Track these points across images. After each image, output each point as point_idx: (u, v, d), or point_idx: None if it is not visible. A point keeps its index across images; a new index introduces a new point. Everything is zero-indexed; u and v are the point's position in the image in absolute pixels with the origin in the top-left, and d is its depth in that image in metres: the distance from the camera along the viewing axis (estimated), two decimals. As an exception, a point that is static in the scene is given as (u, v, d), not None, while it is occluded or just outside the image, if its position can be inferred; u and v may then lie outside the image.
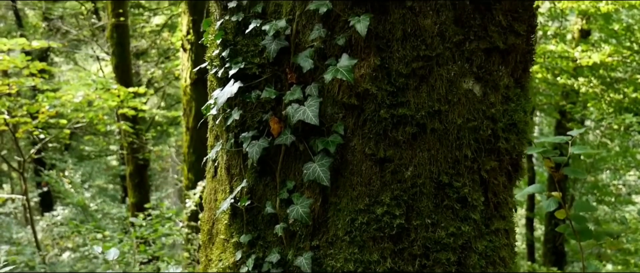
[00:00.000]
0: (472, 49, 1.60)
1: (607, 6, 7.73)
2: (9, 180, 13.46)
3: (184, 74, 8.17)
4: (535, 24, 1.74)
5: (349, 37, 1.56)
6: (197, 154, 7.87)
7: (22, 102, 8.47)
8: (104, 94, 8.48)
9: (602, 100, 8.98)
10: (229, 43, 1.70)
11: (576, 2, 7.79)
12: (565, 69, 9.02)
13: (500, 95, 1.67)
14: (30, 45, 8.25)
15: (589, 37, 9.72)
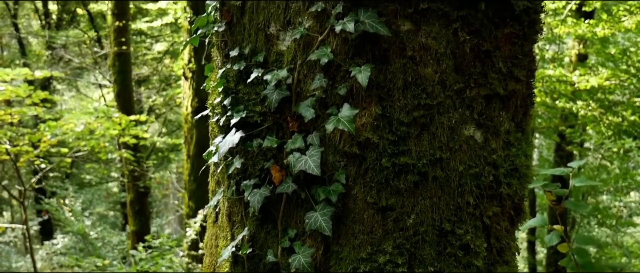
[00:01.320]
0: (472, 96, 1.61)
1: (603, 31, 7.78)
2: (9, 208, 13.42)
3: (185, 102, 8.20)
4: (534, 68, 1.76)
5: (350, 86, 1.57)
6: (198, 182, 7.86)
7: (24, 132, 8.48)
8: (105, 123, 8.51)
9: (601, 124, 9.00)
10: (230, 91, 1.72)
11: (573, 28, 7.85)
12: (564, 92, 9.05)
13: (502, 141, 1.68)
14: (33, 75, 8.30)
15: (586, 61, 9.77)
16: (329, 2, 1.55)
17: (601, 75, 8.39)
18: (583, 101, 9.02)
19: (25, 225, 8.07)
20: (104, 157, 9.13)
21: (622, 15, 7.60)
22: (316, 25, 1.58)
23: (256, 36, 1.67)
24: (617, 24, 7.63)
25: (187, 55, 7.82)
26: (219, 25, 1.72)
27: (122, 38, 9.50)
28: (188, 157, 8.16)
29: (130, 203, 9.53)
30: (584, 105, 8.90)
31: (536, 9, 1.67)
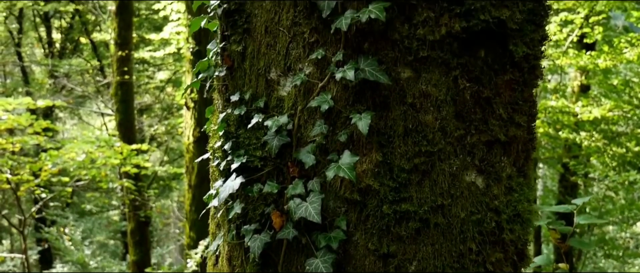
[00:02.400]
0: (473, 142, 1.60)
1: (605, 62, 7.82)
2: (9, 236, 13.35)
3: (187, 132, 8.22)
4: (535, 112, 1.75)
5: (350, 133, 1.56)
6: (199, 213, 7.81)
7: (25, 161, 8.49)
8: (107, 152, 8.51)
9: (605, 154, 8.98)
10: (231, 135, 1.71)
11: (575, 59, 7.89)
12: (567, 123, 9.06)
13: (503, 186, 1.66)
14: (35, 104, 8.35)
15: (588, 92, 9.80)
16: (329, 50, 1.56)
17: (604, 106, 8.40)
18: (586, 132, 9.02)
19: (25, 255, 8.02)
20: (105, 186, 9.11)
21: (623, 47, 7.64)
22: (316, 71, 1.58)
23: (257, 81, 1.68)
24: (618, 55, 7.67)
25: (189, 86, 7.84)
26: (220, 69, 1.72)
27: (124, 67, 9.57)
28: (189, 186, 8.15)
29: (131, 232, 9.48)
30: (587, 136, 8.89)
31: (536, 55, 1.67)
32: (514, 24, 1.57)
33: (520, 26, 1.60)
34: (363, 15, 1.46)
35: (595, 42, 8.90)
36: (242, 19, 1.68)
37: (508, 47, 1.60)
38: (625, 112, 8.60)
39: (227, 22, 1.71)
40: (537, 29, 1.66)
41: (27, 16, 12.83)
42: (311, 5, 1.54)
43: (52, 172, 8.29)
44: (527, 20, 1.62)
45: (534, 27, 1.64)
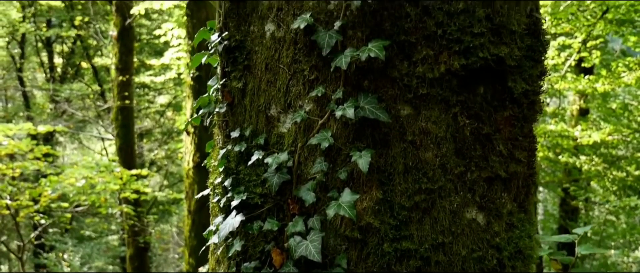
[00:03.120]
0: (474, 179, 1.60)
1: (603, 86, 7.85)
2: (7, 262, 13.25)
3: (187, 157, 8.21)
4: (535, 147, 1.75)
5: (350, 170, 1.56)
6: (199, 239, 7.77)
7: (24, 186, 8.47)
8: (106, 177, 8.49)
9: (606, 179, 8.96)
10: (231, 172, 1.71)
11: (573, 83, 7.92)
12: (566, 147, 9.05)
13: (504, 223, 1.65)
14: (35, 130, 8.36)
15: (587, 116, 9.82)
16: (329, 87, 1.56)
17: (603, 130, 8.40)
18: (586, 156, 9.01)
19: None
20: (104, 212, 9.07)
21: (621, 71, 7.68)
22: (316, 108, 1.59)
23: (257, 118, 1.68)
24: (617, 79, 7.69)
25: (189, 111, 7.88)
26: (221, 105, 1.73)
27: (125, 92, 9.62)
28: (189, 212, 8.10)
29: (130, 258, 9.42)
30: (587, 160, 8.88)
31: (535, 90, 1.68)
32: (513, 60, 1.58)
33: (519, 63, 1.60)
34: (363, 54, 1.47)
35: (593, 66, 8.95)
36: (243, 56, 1.69)
37: (507, 84, 1.60)
38: (625, 136, 8.60)
39: (228, 59, 1.72)
40: (536, 65, 1.67)
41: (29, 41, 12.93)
42: (311, 43, 1.56)
43: (51, 198, 8.27)
44: (525, 56, 1.63)
45: (533, 63, 1.65)
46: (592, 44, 7.95)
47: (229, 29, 1.71)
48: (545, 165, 9.83)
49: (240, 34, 1.69)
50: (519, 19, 1.60)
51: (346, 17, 1.53)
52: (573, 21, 6.79)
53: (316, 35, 1.52)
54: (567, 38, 8.02)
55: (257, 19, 1.65)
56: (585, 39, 7.50)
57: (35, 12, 11.98)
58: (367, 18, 1.52)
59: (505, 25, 1.56)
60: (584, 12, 6.79)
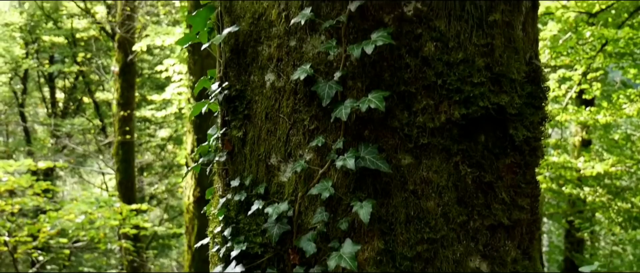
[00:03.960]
0: (476, 228, 1.58)
1: (605, 118, 7.85)
2: (5, 298, 13.07)
3: (187, 192, 8.17)
4: (538, 193, 1.73)
5: (351, 220, 1.54)
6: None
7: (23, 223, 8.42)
8: (106, 212, 8.45)
9: (610, 210, 8.90)
10: (231, 221, 1.69)
11: (574, 115, 7.93)
12: (570, 178, 9.01)
13: (509, 271, 1.63)
14: (36, 166, 8.36)
15: (590, 147, 9.81)
16: (329, 137, 1.56)
17: (607, 162, 8.38)
18: (590, 187, 8.97)
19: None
20: (103, 248, 9.00)
21: (622, 102, 7.69)
22: (317, 158, 1.58)
23: (257, 167, 1.67)
24: (618, 111, 7.70)
25: (190, 145, 7.87)
26: (221, 154, 1.72)
27: (126, 127, 9.64)
28: (189, 248, 8.03)
29: (129, 294, 9.30)
30: (591, 191, 8.83)
31: (536, 136, 1.67)
32: (514, 109, 1.58)
33: (520, 110, 1.60)
34: (363, 105, 1.47)
35: (594, 97, 8.98)
36: (243, 105, 1.68)
37: (508, 131, 1.59)
38: (629, 167, 8.57)
39: (228, 108, 1.71)
40: (537, 111, 1.66)
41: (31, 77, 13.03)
42: (311, 93, 1.55)
43: (50, 234, 8.21)
44: (526, 103, 1.62)
45: (534, 110, 1.64)
46: (592, 76, 7.99)
47: (229, 78, 1.71)
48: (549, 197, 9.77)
49: (241, 83, 1.69)
50: (519, 67, 1.61)
51: (346, 68, 1.53)
52: (573, 55, 6.83)
53: (316, 86, 1.52)
54: (567, 70, 8.06)
55: (257, 69, 1.66)
56: (585, 72, 7.54)
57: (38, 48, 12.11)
58: (366, 69, 1.53)
59: (505, 74, 1.56)
60: (584, 46, 6.84)
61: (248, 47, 1.68)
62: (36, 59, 12.24)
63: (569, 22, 6.70)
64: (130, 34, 9.51)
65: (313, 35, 1.58)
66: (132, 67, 9.74)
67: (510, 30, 1.61)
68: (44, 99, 13.03)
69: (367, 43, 1.47)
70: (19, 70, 12.24)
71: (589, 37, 6.66)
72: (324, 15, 1.56)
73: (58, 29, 11.98)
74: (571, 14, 6.72)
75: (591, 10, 6.78)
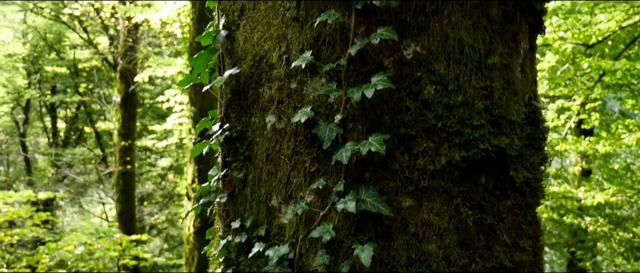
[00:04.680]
0: (478, 270, 1.57)
1: (604, 148, 7.87)
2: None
3: (188, 223, 8.13)
4: (539, 233, 1.73)
5: (353, 263, 1.54)
6: (199, 307, 7.59)
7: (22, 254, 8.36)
8: (105, 243, 8.40)
9: (612, 240, 8.84)
10: (231, 262, 1.68)
11: (574, 145, 7.94)
12: (571, 208, 8.98)
13: (511, 314, 1.61)
14: (36, 197, 8.34)
15: (590, 176, 9.79)
16: (330, 179, 1.56)
17: (607, 191, 8.36)
18: (591, 217, 8.93)
19: None
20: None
21: (621, 133, 7.71)
22: (318, 200, 1.58)
23: (258, 208, 1.67)
24: (617, 141, 7.72)
25: (190, 176, 7.87)
26: (222, 195, 1.72)
27: (127, 157, 9.65)
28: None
29: (128, 327, 9.18)
30: (592, 221, 8.80)
31: (537, 177, 1.67)
32: (514, 150, 1.58)
33: (520, 152, 1.61)
34: (363, 148, 1.48)
35: (593, 127, 9.00)
36: (244, 147, 1.69)
37: (509, 173, 1.60)
38: (629, 197, 8.55)
39: (229, 149, 1.72)
40: (537, 152, 1.67)
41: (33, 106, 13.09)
42: (312, 136, 1.56)
43: (49, 266, 8.15)
44: (526, 144, 1.63)
45: (534, 151, 1.65)
46: (590, 106, 8.03)
47: (230, 119, 1.72)
48: (551, 227, 9.72)
49: (242, 124, 1.70)
50: (518, 109, 1.62)
51: (346, 111, 1.54)
52: (571, 86, 6.88)
53: (317, 129, 1.53)
54: (565, 101, 8.10)
55: (258, 110, 1.67)
56: (583, 102, 7.58)
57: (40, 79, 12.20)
58: (367, 111, 1.54)
59: (504, 116, 1.58)
60: (582, 77, 6.89)
61: (249, 89, 1.70)
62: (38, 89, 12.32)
63: (566, 53, 6.76)
64: (132, 65, 9.59)
65: (314, 77, 1.60)
66: (134, 98, 9.80)
67: (508, 72, 1.63)
68: (46, 128, 13.07)
69: (367, 87, 1.49)
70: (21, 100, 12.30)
71: (587, 68, 6.71)
72: (324, 58, 1.58)
73: (61, 59, 12.09)
74: (568, 46, 6.79)
75: (588, 41, 6.84)
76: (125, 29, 9.73)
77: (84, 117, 12.82)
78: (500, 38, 1.63)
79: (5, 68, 12.07)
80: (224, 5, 1.79)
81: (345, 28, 1.56)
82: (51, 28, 12.18)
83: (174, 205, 11.89)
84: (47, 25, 12.11)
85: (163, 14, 8.29)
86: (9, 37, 13.01)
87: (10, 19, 13.32)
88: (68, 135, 13.01)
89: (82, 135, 13.21)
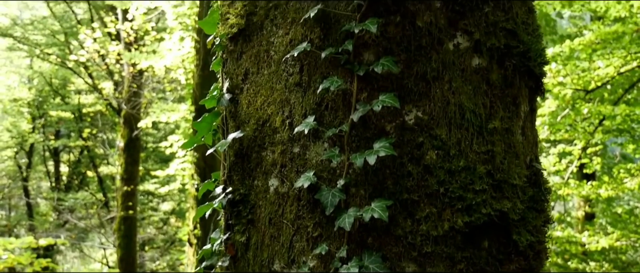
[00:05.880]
0: (483, 336, 1.55)
1: (607, 192, 7.83)
2: None
3: (189, 269, 8.05)
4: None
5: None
6: None
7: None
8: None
9: (619, 286, 8.70)
10: (233, 327, 1.67)
11: (577, 189, 7.91)
12: (575, 253, 8.88)
13: None
14: (37, 243, 8.29)
15: (593, 220, 9.72)
16: (332, 244, 1.56)
17: (611, 236, 8.28)
18: (596, 262, 8.82)
19: None
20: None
21: (623, 177, 7.69)
22: (320, 265, 1.57)
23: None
24: (620, 185, 7.69)
25: (192, 222, 7.83)
26: (224, 259, 1.72)
27: (129, 202, 9.62)
28: (189, 328, 7.82)
29: None
30: (597, 266, 8.68)
31: (540, 240, 1.67)
32: (516, 214, 1.59)
33: (523, 215, 1.61)
34: (366, 214, 1.48)
35: (595, 171, 8.98)
36: (247, 210, 1.70)
37: (512, 237, 1.60)
38: (633, 242, 8.46)
39: (232, 212, 1.73)
40: (540, 215, 1.67)
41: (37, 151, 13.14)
42: (314, 200, 1.57)
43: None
44: (529, 207, 1.63)
45: (536, 213, 1.65)
46: (591, 150, 8.04)
47: (233, 182, 1.74)
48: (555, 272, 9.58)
49: (245, 187, 1.71)
50: (520, 172, 1.63)
51: (349, 176, 1.55)
52: (571, 131, 6.90)
53: (319, 194, 1.54)
54: (567, 145, 8.12)
55: (261, 174, 1.68)
56: (584, 147, 7.59)
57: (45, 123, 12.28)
58: (369, 176, 1.55)
59: (506, 180, 1.58)
60: (582, 122, 6.92)
61: (252, 152, 1.72)
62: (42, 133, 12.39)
63: (566, 99, 6.81)
64: (136, 110, 9.67)
65: (316, 142, 1.61)
66: (137, 143, 9.84)
67: (510, 136, 1.65)
68: (48, 172, 13.09)
69: (369, 153, 1.50)
70: (25, 144, 12.36)
71: (587, 113, 6.75)
72: (327, 124, 1.60)
73: (65, 104, 12.21)
74: (568, 91, 6.85)
75: (587, 87, 6.91)
76: (130, 74, 9.85)
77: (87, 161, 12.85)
78: (501, 102, 1.65)
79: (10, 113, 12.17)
80: (228, 69, 1.83)
81: (347, 93, 1.59)
82: (57, 73, 12.34)
83: (176, 251, 11.79)
84: (53, 70, 12.28)
85: (167, 60, 8.41)
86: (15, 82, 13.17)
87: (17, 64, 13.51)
88: (71, 179, 13.01)
89: (85, 179, 13.21)
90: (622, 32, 6.59)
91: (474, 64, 1.62)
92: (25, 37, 12.07)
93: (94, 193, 12.22)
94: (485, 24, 1.64)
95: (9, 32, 12.03)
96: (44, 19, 12.78)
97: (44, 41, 11.99)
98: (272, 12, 1.72)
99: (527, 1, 1.77)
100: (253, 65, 1.75)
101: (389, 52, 1.58)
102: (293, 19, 1.68)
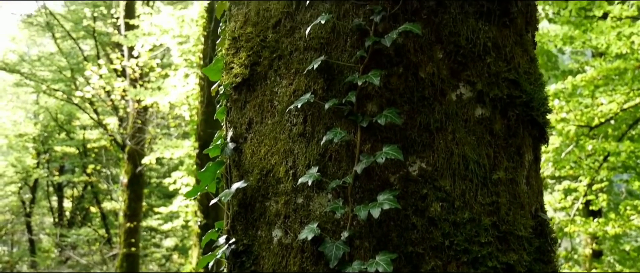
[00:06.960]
0: None
1: (614, 229, 7.75)
2: None
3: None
4: None
5: None
6: None
7: None
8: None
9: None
10: None
11: (583, 226, 7.83)
12: (584, 291, 8.74)
13: None
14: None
15: (601, 258, 9.59)
16: (337, 297, 1.53)
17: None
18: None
19: None
20: None
21: (629, 214, 7.62)
22: (325, 319, 1.54)
23: (264, 326, 1.63)
24: (627, 222, 7.61)
25: (195, 259, 7.76)
26: (226, 311, 1.69)
27: (132, 239, 9.57)
28: None
29: None
30: (606, 305, 8.52)
31: (548, 292, 1.64)
32: (523, 267, 1.57)
33: (529, 267, 1.59)
34: (370, 267, 1.46)
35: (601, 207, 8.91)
36: (250, 261, 1.68)
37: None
38: (645, 281, 8.32)
39: (235, 263, 1.71)
40: (546, 266, 1.65)
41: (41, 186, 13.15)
42: (318, 252, 1.56)
43: None
44: (535, 259, 1.61)
45: (543, 265, 1.63)
46: (597, 187, 7.98)
47: (236, 232, 1.72)
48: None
49: (248, 238, 1.70)
50: (525, 223, 1.62)
51: (353, 228, 1.54)
52: (576, 168, 6.87)
53: (323, 246, 1.53)
54: (572, 181, 8.07)
55: (265, 224, 1.67)
56: (590, 183, 7.54)
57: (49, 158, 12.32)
58: (374, 229, 1.54)
59: (512, 232, 1.57)
60: (586, 159, 6.90)
61: (256, 202, 1.71)
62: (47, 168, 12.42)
63: (570, 135, 6.81)
64: (140, 146, 9.70)
65: (320, 193, 1.61)
66: (141, 179, 9.84)
67: (514, 186, 1.64)
68: (51, 208, 13.06)
69: (373, 206, 1.49)
70: (29, 179, 12.38)
71: (591, 149, 6.73)
72: (330, 175, 1.60)
73: (70, 139, 12.27)
74: (572, 128, 6.85)
75: (591, 123, 6.91)
76: (135, 110, 9.92)
77: (90, 197, 12.84)
78: (505, 152, 1.65)
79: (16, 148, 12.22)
80: (232, 118, 1.84)
81: (351, 145, 1.59)
82: (62, 109, 12.44)
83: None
84: (59, 106, 12.38)
85: (172, 97, 8.48)
86: (21, 118, 13.27)
87: (24, 100, 13.64)
88: (74, 215, 12.98)
89: (88, 215, 13.17)
90: (624, 69, 6.63)
91: (477, 114, 1.62)
92: (33, 73, 12.23)
93: (96, 230, 12.17)
94: (488, 75, 1.65)
95: (17, 68, 12.19)
96: (51, 55, 12.96)
97: (51, 77, 12.15)
98: (276, 63, 1.74)
99: (529, 51, 1.79)
100: (257, 114, 1.76)
101: (392, 103, 1.58)
102: (296, 69, 1.69)
